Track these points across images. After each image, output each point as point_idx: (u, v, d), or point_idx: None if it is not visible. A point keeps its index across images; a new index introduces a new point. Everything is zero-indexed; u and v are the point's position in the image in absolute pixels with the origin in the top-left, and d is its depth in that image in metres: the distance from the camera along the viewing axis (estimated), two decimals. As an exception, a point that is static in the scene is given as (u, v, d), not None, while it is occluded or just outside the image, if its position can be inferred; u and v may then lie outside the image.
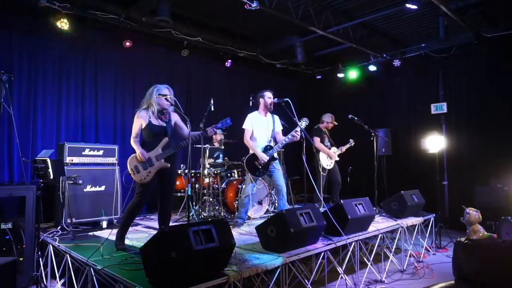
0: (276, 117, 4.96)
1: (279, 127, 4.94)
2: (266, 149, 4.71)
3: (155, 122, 3.64)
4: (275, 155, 4.78)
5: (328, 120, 6.39)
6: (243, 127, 4.82)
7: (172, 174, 3.74)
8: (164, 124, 3.69)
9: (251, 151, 4.75)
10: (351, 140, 6.40)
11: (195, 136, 3.65)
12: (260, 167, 4.65)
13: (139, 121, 3.61)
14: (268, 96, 4.84)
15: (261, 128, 4.80)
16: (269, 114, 4.93)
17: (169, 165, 3.60)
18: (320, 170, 6.07)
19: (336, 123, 6.43)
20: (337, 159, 6.34)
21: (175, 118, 3.82)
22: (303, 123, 4.57)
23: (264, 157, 4.61)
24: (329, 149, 6.26)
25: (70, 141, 5.04)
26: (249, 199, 4.78)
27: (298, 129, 4.52)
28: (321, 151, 6.17)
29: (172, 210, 3.94)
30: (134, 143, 3.59)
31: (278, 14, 5.64)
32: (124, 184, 5.12)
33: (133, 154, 3.56)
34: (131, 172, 3.53)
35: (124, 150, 5.64)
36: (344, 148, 6.37)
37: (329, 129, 6.48)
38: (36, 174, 3.95)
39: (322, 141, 6.24)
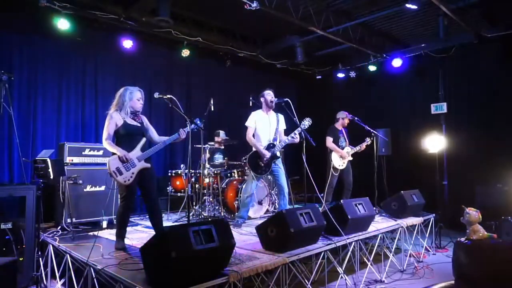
0: (281, 116, 4.95)
1: (282, 126, 4.93)
2: (269, 147, 4.71)
3: (131, 122, 3.61)
4: (278, 153, 4.77)
5: (342, 117, 6.25)
6: (246, 124, 4.83)
7: (152, 174, 3.70)
8: (139, 125, 3.67)
9: (253, 149, 4.74)
10: (367, 139, 6.10)
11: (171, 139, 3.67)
12: (262, 165, 4.65)
13: (113, 122, 3.52)
14: (268, 93, 4.85)
15: (264, 126, 4.81)
16: (272, 112, 4.93)
17: (149, 165, 3.59)
18: (332, 170, 6.01)
19: (350, 118, 6.29)
20: (350, 158, 6.17)
21: (145, 120, 3.80)
22: (306, 122, 4.55)
23: (267, 154, 4.61)
24: (343, 148, 6.15)
25: (70, 141, 5.04)
26: (251, 198, 4.79)
27: (296, 131, 4.52)
28: (333, 151, 6.09)
29: (160, 210, 3.86)
30: (109, 145, 3.48)
31: (278, 14, 5.64)
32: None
33: (113, 156, 3.46)
34: (113, 175, 3.41)
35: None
36: (360, 148, 6.13)
37: (345, 126, 6.34)
38: (36, 174, 3.95)
39: (336, 141, 6.12)
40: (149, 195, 3.67)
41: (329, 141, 6.09)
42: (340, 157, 6.08)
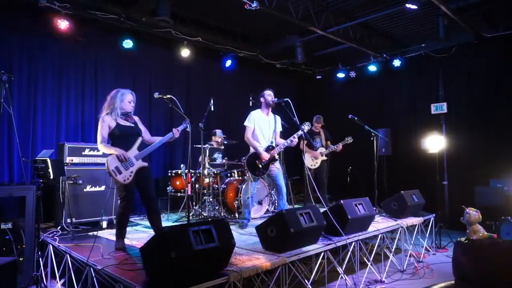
0: (278, 118, 4.95)
1: (279, 128, 4.93)
2: (268, 149, 4.70)
3: (123, 123, 3.61)
4: (276, 156, 4.77)
5: (315, 121, 6.46)
6: (245, 124, 4.79)
7: (150, 173, 3.71)
8: (133, 125, 3.68)
9: (251, 150, 4.73)
10: (346, 138, 6.31)
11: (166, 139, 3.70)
12: (260, 166, 4.64)
13: (106, 124, 3.52)
14: (268, 94, 4.83)
15: (264, 127, 4.79)
16: (271, 113, 4.92)
17: (147, 164, 3.60)
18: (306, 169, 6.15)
19: (323, 124, 6.47)
20: (324, 158, 6.40)
21: (138, 121, 3.81)
22: (306, 127, 4.56)
23: (266, 157, 4.60)
24: (316, 149, 6.32)
25: (70, 141, 5.03)
26: (251, 199, 4.78)
27: (296, 135, 4.52)
28: (306, 152, 6.22)
29: (159, 210, 3.84)
30: (105, 147, 3.50)
31: (278, 14, 5.64)
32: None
33: (111, 155, 3.47)
34: (112, 174, 3.42)
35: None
36: (340, 146, 6.32)
37: (318, 129, 6.52)
38: (36, 174, 3.95)
39: (310, 142, 6.28)
40: (147, 194, 3.66)
41: (302, 143, 6.20)
42: (313, 158, 6.29)
